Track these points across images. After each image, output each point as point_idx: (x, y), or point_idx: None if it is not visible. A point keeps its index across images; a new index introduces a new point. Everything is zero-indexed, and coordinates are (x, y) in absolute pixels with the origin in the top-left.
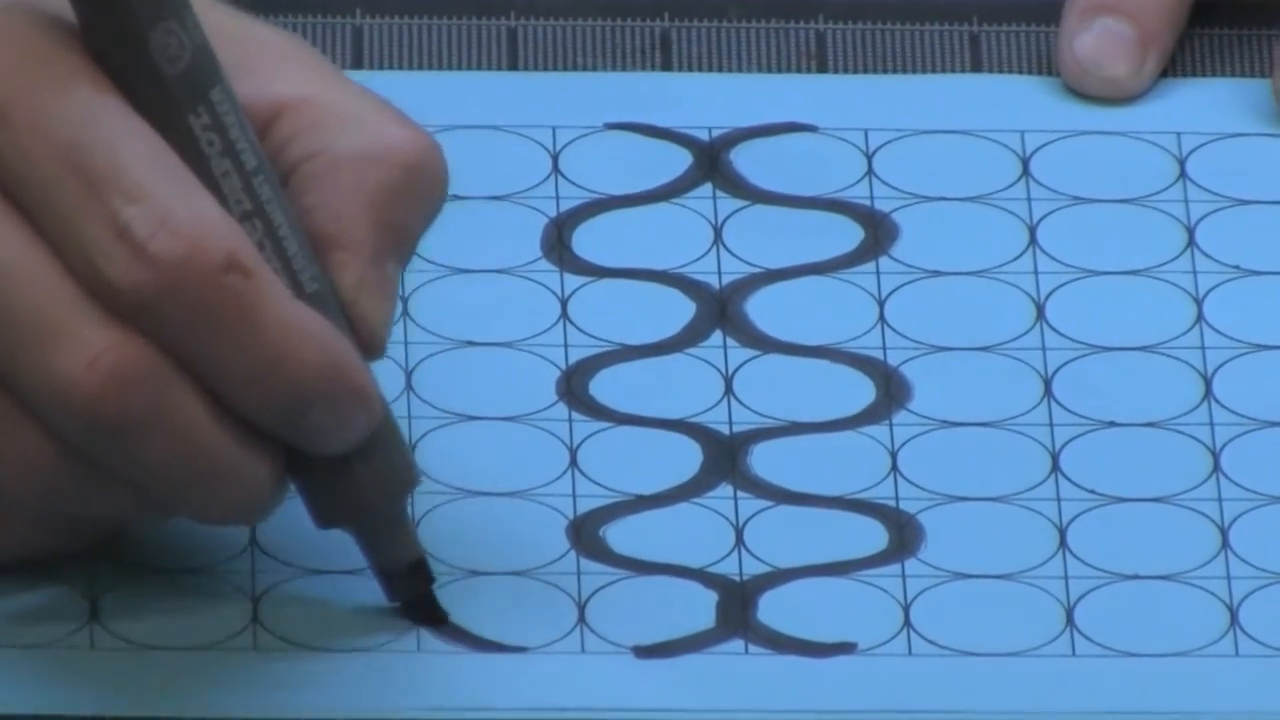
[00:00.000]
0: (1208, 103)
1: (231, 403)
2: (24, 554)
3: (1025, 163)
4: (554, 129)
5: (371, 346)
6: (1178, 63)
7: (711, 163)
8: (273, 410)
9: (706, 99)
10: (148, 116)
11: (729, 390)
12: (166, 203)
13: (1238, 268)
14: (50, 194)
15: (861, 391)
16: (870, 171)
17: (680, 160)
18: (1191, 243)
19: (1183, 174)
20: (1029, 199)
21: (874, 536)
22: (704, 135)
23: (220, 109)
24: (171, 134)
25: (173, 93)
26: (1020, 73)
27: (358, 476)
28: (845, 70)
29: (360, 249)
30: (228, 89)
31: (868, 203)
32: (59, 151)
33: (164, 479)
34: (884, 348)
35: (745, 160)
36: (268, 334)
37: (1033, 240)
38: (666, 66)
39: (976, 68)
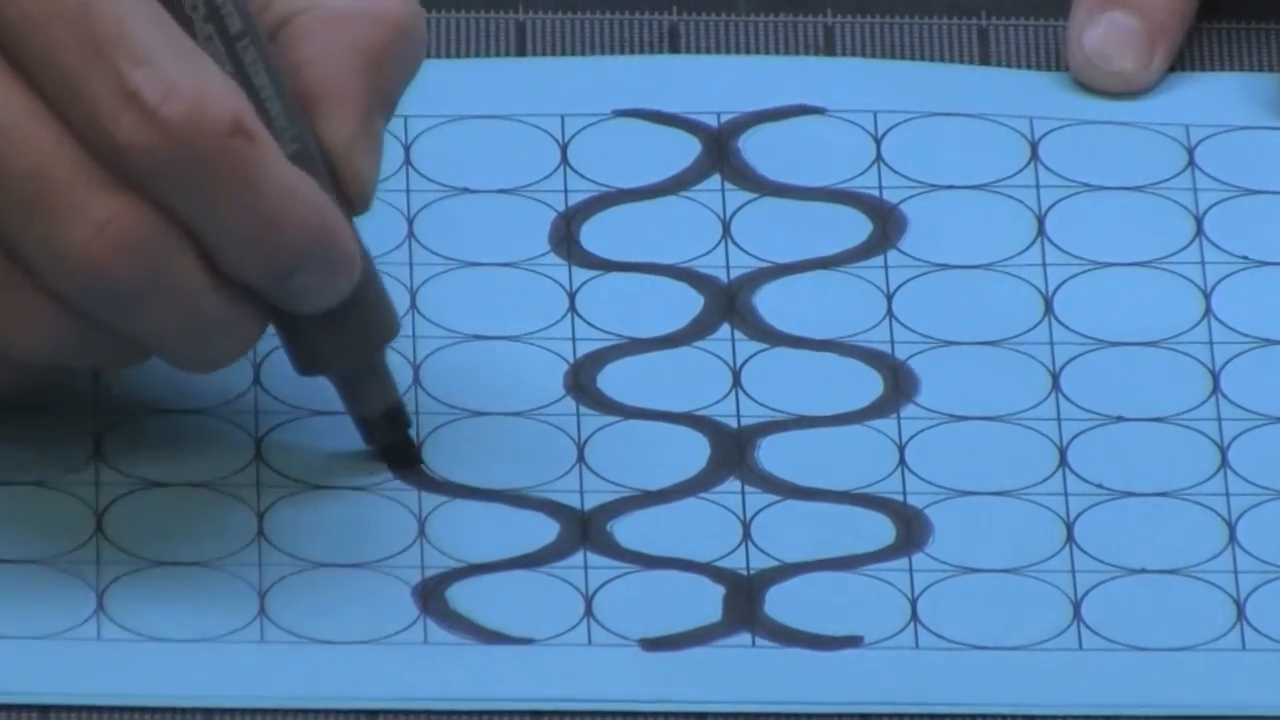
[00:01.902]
0: (1216, 96)
1: (225, 264)
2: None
3: (1034, 147)
4: (562, 117)
5: (360, 201)
6: (1186, 57)
7: (720, 151)
8: (265, 271)
9: (715, 82)
10: None
11: (737, 384)
12: (173, 67)
13: (1246, 258)
14: (57, 58)
15: (869, 385)
16: (879, 157)
17: (689, 149)
18: (1200, 232)
19: (1191, 163)
20: (1038, 185)
21: (881, 531)
22: (712, 121)
23: None
24: None
25: None
26: (1029, 67)
27: (337, 331)
28: None
29: (353, 104)
30: None
31: (876, 192)
32: (66, 14)
33: (161, 336)
34: (892, 341)
35: (754, 148)
36: (267, 196)
37: (1041, 230)
38: None
39: (985, 61)
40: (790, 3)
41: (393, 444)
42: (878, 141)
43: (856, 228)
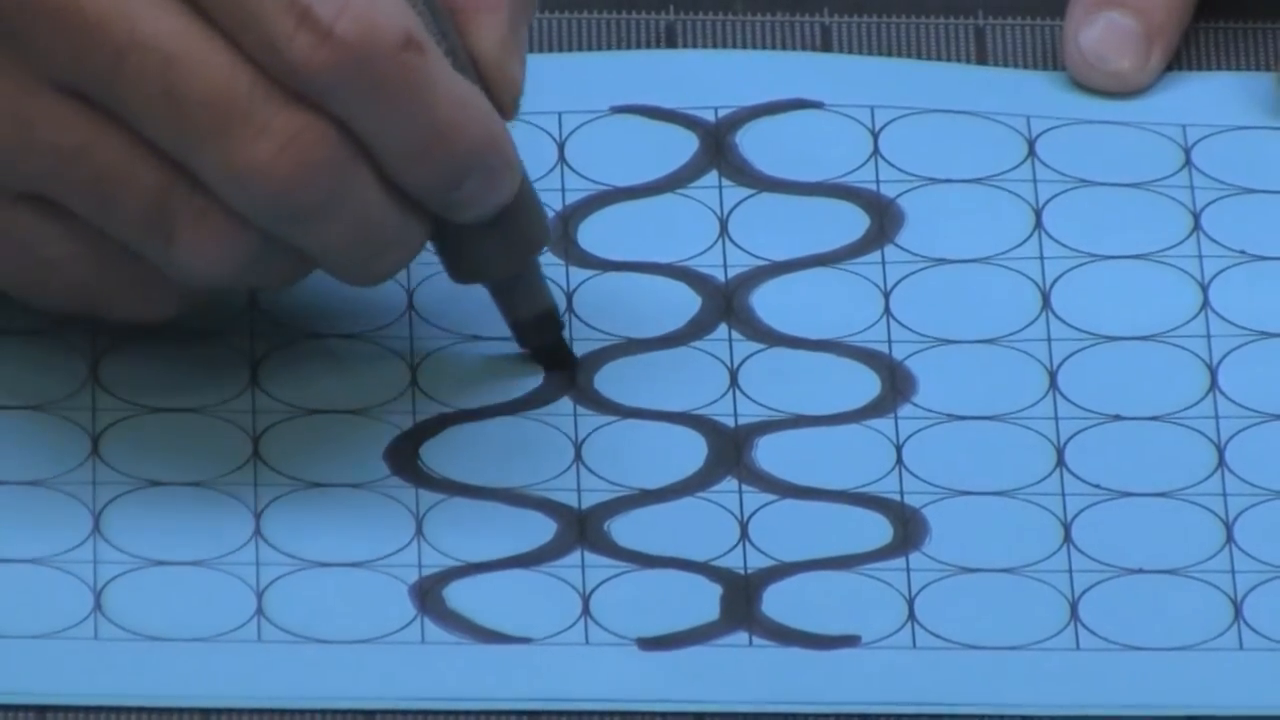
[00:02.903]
0: (1213, 96)
1: (397, 175)
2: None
3: (1031, 144)
4: (559, 114)
5: (511, 107)
6: (1182, 56)
7: (717, 147)
8: (435, 180)
9: (712, 77)
10: None
11: (734, 384)
12: None
13: (1244, 253)
14: None
15: (866, 385)
16: (876, 152)
17: (686, 145)
18: (1197, 227)
19: (1188, 162)
20: (1035, 181)
21: (878, 530)
22: (710, 116)
23: None
24: None
25: None
26: (1026, 66)
27: (495, 238)
28: None
29: (501, 12)
30: None
31: (873, 186)
32: None
33: (336, 250)
34: (889, 341)
35: (751, 143)
36: (438, 108)
37: (1038, 224)
38: None
39: (982, 61)
40: (787, 2)
41: (546, 347)
42: (875, 136)
43: (854, 222)
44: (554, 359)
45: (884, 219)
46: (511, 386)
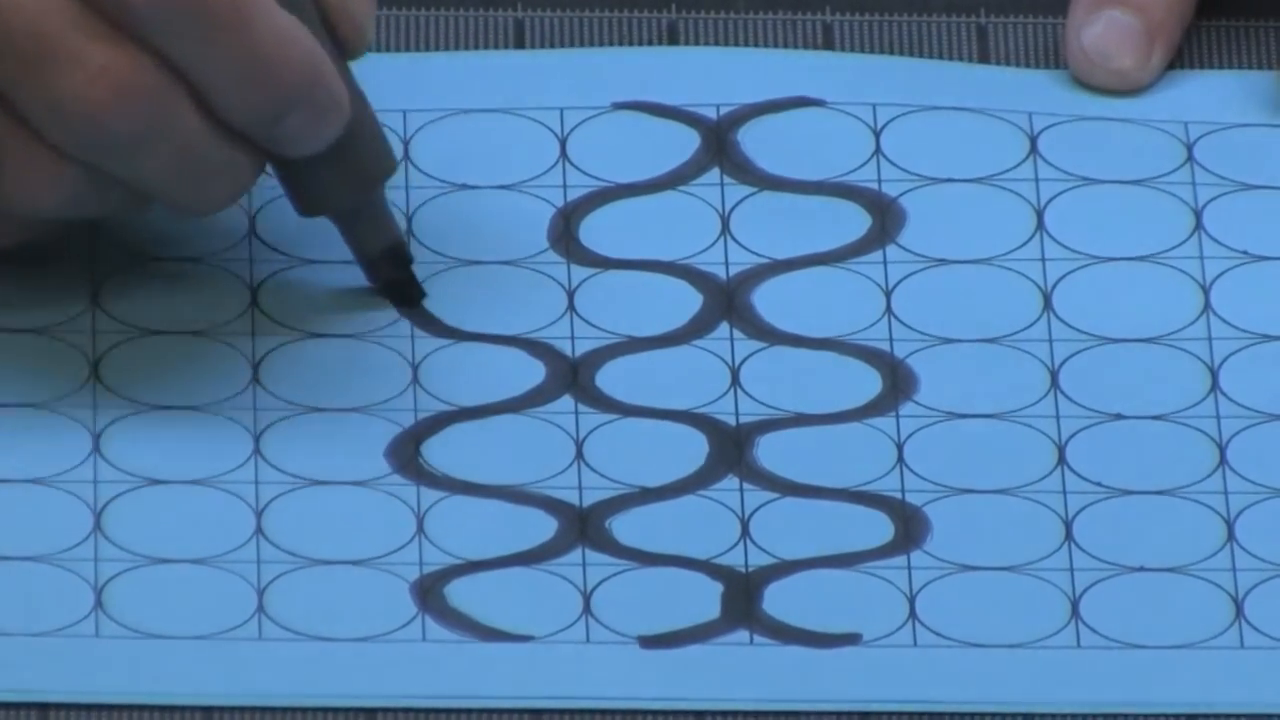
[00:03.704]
0: (1214, 94)
1: (219, 108)
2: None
3: (1033, 141)
4: (561, 110)
5: (355, 43)
6: (1184, 54)
7: (719, 144)
8: (257, 114)
9: (714, 73)
10: None
11: (735, 382)
12: None
13: (1245, 253)
14: None
15: (868, 383)
16: (878, 150)
17: (688, 142)
18: (1199, 226)
19: (1190, 158)
20: (1036, 179)
21: (880, 528)
22: (712, 113)
23: None
24: None
25: None
26: (1027, 64)
27: (332, 171)
28: None
29: None
30: None
31: (875, 185)
32: None
33: (160, 182)
34: (890, 339)
35: (753, 140)
36: (258, 39)
37: (1040, 225)
38: None
39: (984, 59)
40: (789, 1)
41: (396, 282)
42: (877, 134)
43: (855, 222)
44: (403, 294)
45: (886, 218)
46: (511, 384)
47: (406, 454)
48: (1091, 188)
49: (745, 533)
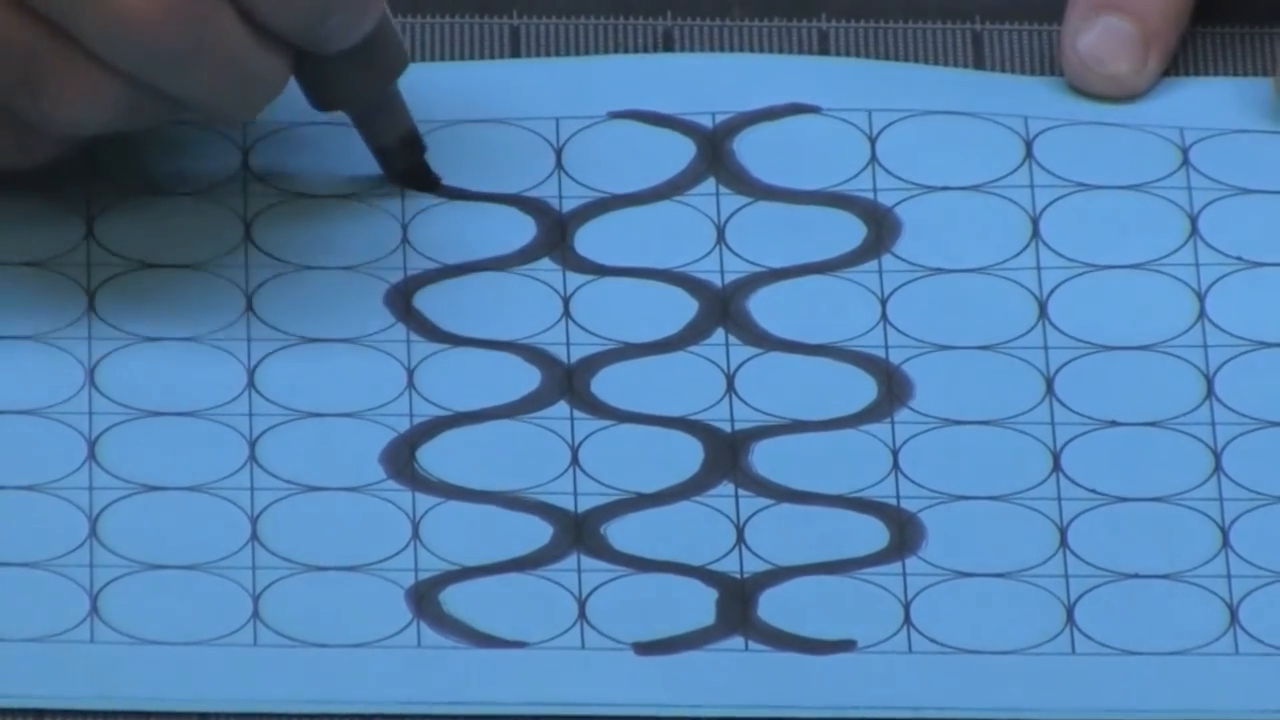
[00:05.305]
0: (1210, 100)
1: (262, 15)
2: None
3: (1029, 145)
4: (557, 120)
5: None
6: (1180, 61)
7: (715, 154)
8: (303, 16)
9: (710, 80)
10: None
11: (731, 388)
12: None
13: (1240, 259)
14: None
15: (863, 389)
16: (874, 158)
17: (684, 152)
18: (1194, 232)
19: (1186, 162)
20: (1032, 185)
21: (875, 535)
22: (707, 121)
23: None
24: None
25: None
26: (1023, 71)
27: (356, 66)
28: None
29: None
30: None
31: (870, 195)
32: None
33: (202, 93)
34: (886, 346)
35: (748, 149)
36: None
37: (1035, 233)
38: None
39: (979, 66)
40: (785, 7)
41: (411, 169)
42: (872, 141)
43: (851, 232)
44: (418, 181)
45: (881, 228)
46: (506, 390)
47: (401, 459)
48: (1087, 193)
49: (740, 539)
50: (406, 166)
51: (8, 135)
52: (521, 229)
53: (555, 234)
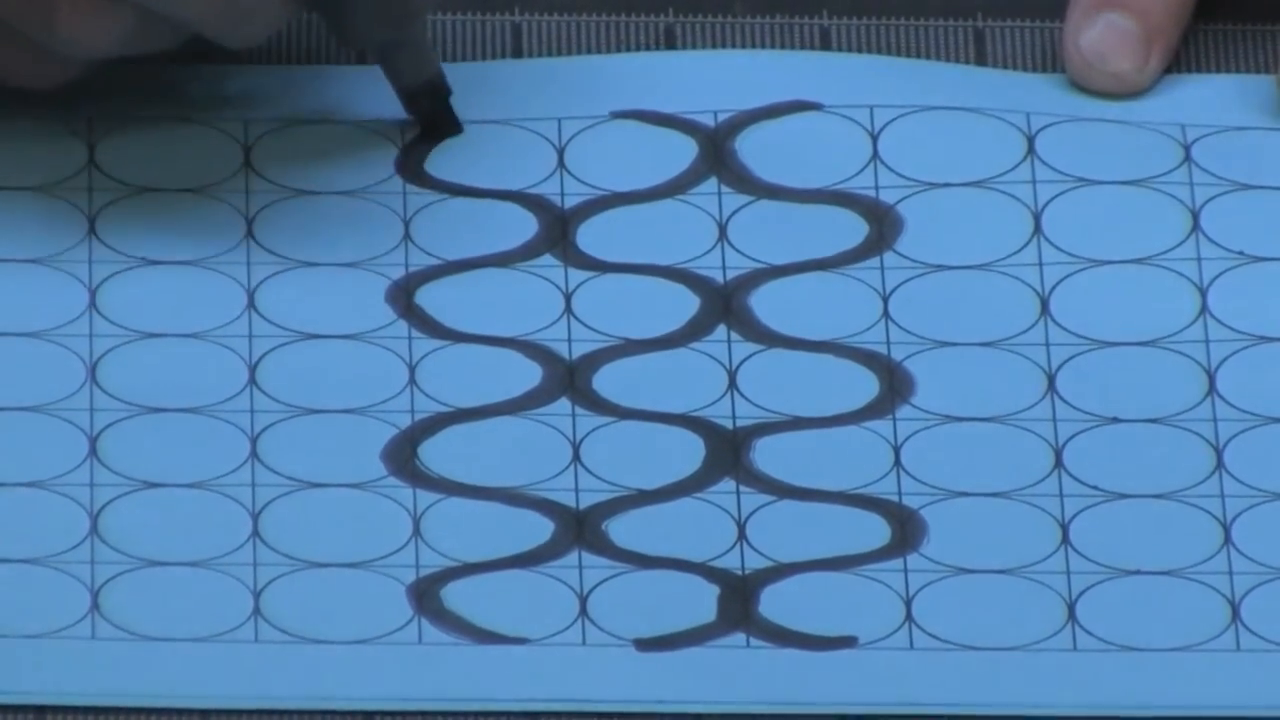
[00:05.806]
0: (1212, 97)
1: None
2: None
3: (1031, 141)
4: (559, 120)
5: None
6: (1182, 58)
7: (717, 153)
8: None
9: (711, 78)
10: None
11: (732, 385)
12: None
13: (1242, 253)
14: None
15: (865, 386)
16: (875, 155)
17: (686, 151)
18: (1196, 227)
19: (1188, 158)
20: (1034, 181)
21: (876, 531)
22: (709, 120)
23: None
24: None
25: None
26: (1025, 68)
27: (376, 2)
28: None
29: None
30: None
31: (872, 192)
32: None
33: (207, 19)
34: (888, 342)
35: (750, 148)
36: None
37: (1037, 228)
38: None
39: (981, 63)
40: (787, 4)
41: (433, 115)
42: (874, 138)
43: (853, 230)
44: (441, 126)
45: (883, 226)
46: (507, 386)
47: (403, 456)
48: (1089, 189)
49: (742, 535)
50: (430, 110)
51: (24, 57)
52: (523, 225)
53: (557, 230)
